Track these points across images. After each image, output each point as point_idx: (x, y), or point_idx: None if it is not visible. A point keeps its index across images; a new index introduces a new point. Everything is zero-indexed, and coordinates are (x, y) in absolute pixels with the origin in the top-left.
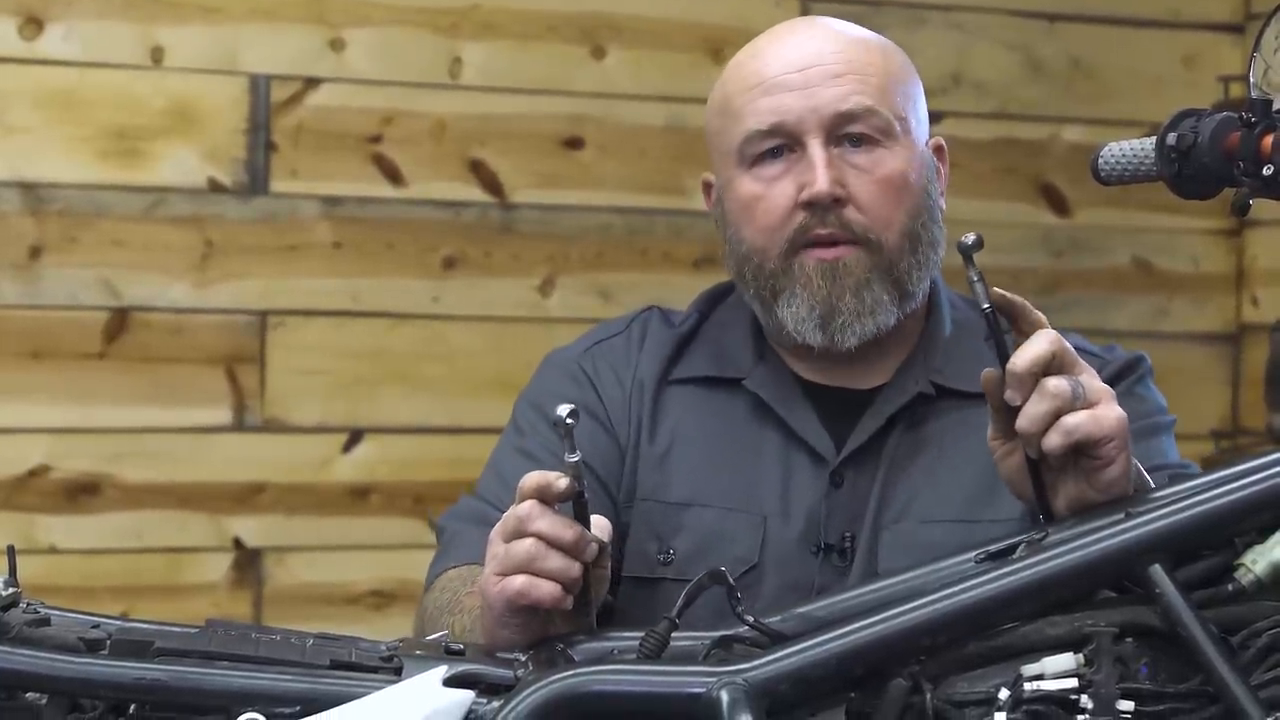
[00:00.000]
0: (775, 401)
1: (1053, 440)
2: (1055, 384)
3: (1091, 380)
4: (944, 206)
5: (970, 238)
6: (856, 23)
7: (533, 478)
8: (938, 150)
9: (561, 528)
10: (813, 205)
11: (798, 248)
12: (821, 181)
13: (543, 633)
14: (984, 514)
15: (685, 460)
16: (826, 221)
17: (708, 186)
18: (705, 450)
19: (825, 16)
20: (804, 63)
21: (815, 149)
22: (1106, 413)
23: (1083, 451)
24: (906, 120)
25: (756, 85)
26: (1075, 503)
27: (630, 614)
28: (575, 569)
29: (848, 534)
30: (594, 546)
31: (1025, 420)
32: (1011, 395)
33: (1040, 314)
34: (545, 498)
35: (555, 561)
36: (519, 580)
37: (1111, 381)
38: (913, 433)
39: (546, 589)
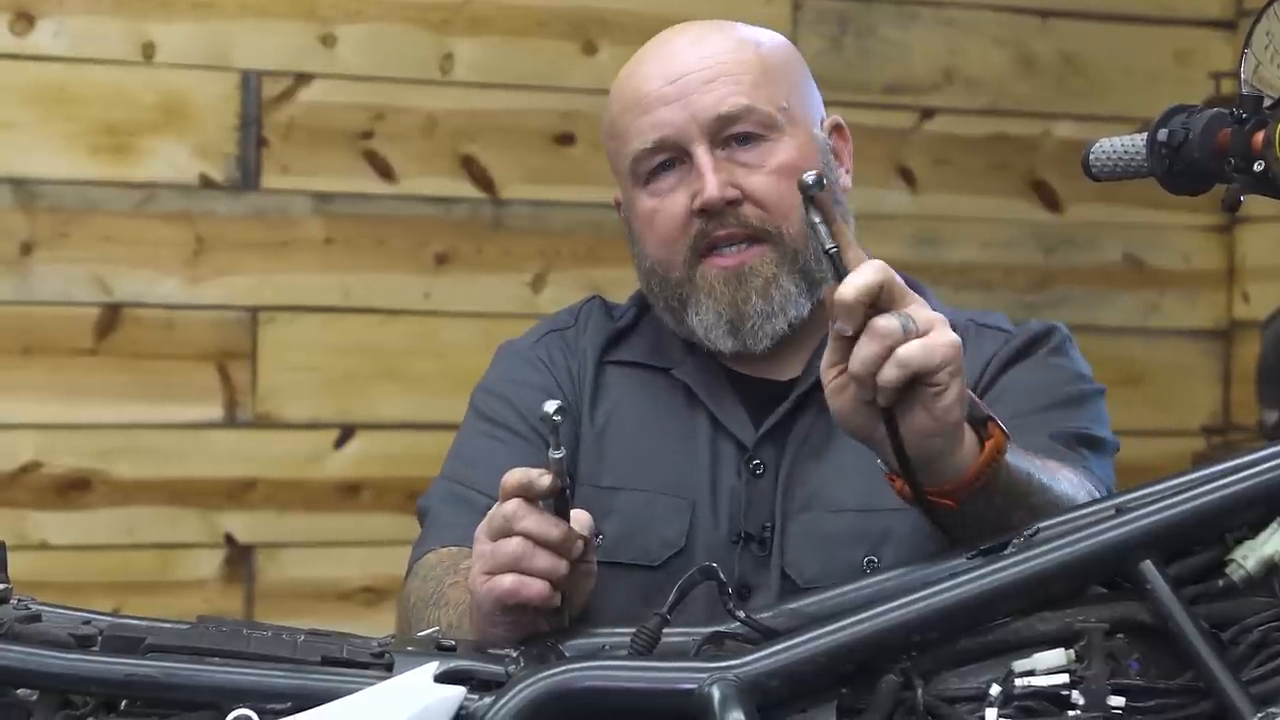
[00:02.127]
0: (702, 390)
1: (889, 373)
2: (885, 323)
3: (920, 310)
4: (848, 185)
5: (810, 176)
6: (847, 20)
7: (515, 475)
8: (836, 128)
9: (549, 526)
10: (706, 211)
11: (699, 255)
12: (710, 187)
13: (532, 630)
14: (883, 502)
15: (618, 444)
16: (725, 224)
17: (618, 205)
18: (638, 434)
19: (696, 23)
20: (675, 73)
21: (701, 156)
22: (938, 339)
23: (919, 380)
24: (789, 109)
25: (634, 104)
26: (916, 432)
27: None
28: (563, 567)
29: (767, 524)
30: (580, 544)
31: (857, 363)
32: (841, 326)
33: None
34: (528, 495)
35: (543, 560)
36: (508, 579)
37: (1016, 358)
38: (824, 417)
39: (536, 588)
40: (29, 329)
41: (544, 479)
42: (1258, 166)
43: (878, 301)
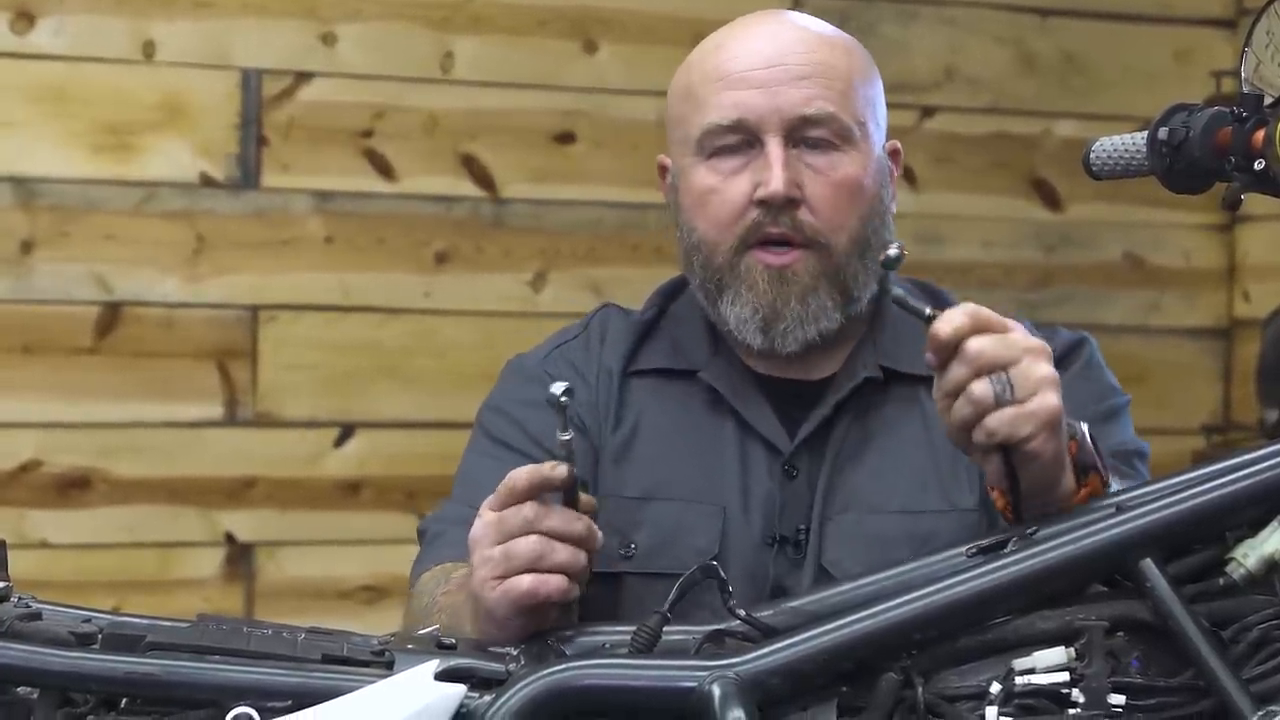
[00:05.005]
0: (730, 393)
1: (977, 436)
2: (980, 389)
3: (1031, 368)
4: (894, 209)
5: (894, 249)
6: (848, 18)
7: (524, 474)
8: (893, 153)
9: (571, 520)
10: (766, 204)
11: (748, 246)
12: (777, 182)
13: (543, 627)
14: (927, 504)
15: (646, 453)
16: (779, 221)
17: (663, 169)
18: (665, 442)
19: (793, 12)
20: (770, 60)
21: (774, 148)
22: (1030, 409)
23: (1008, 446)
24: (866, 125)
25: (721, 78)
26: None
27: (593, 609)
28: (582, 559)
29: (802, 526)
30: (600, 535)
31: (956, 420)
32: (930, 358)
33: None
34: (545, 488)
35: (563, 555)
36: (526, 580)
37: (1059, 365)
38: (862, 420)
39: (555, 584)
40: (29, 328)
41: (559, 470)
42: (1258, 165)
43: (976, 330)
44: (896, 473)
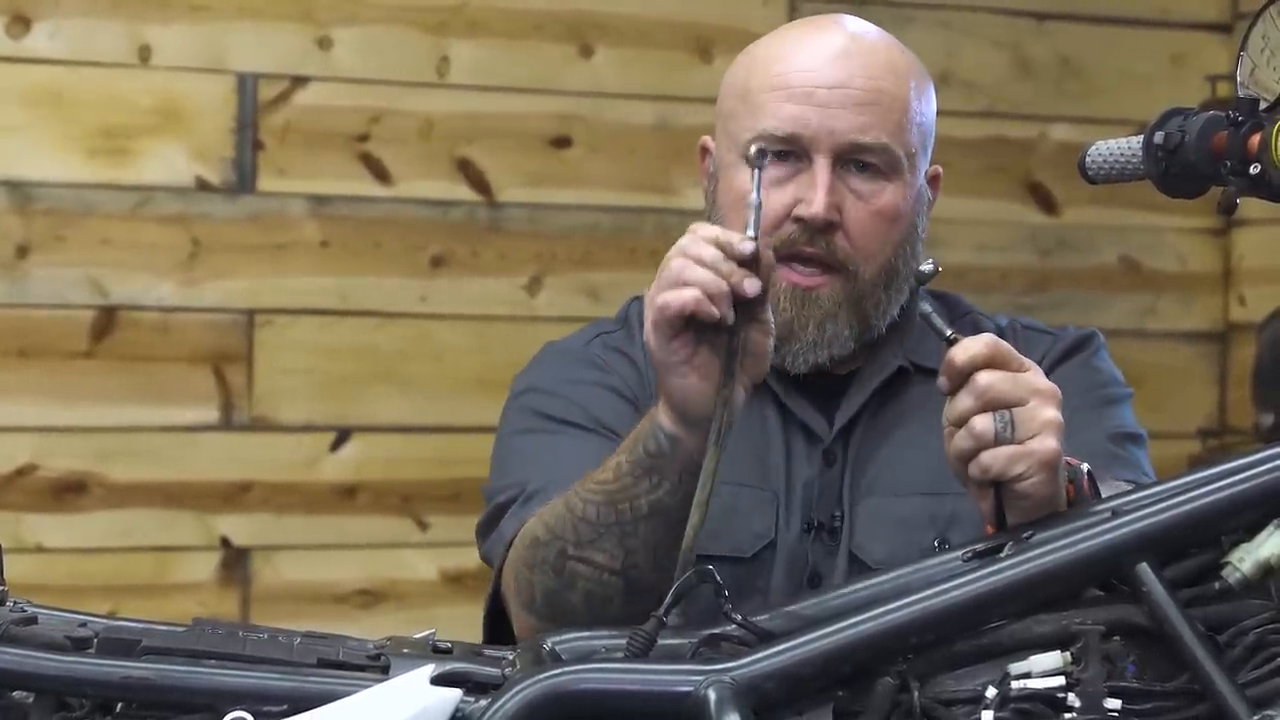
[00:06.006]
0: (770, 378)
1: (972, 470)
2: (981, 424)
3: (1036, 410)
4: (925, 236)
5: (928, 265)
6: None
7: (710, 229)
8: (934, 179)
9: (719, 259)
10: (805, 223)
11: (779, 259)
12: (819, 205)
13: (705, 370)
14: (949, 487)
15: None
16: (815, 242)
17: (705, 150)
18: None
19: (861, 23)
20: (834, 80)
21: (821, 170)
22: (1031, 450)
23: (1001, 483)
24: (915, 156)
25: (782, 88)
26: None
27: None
28: (721, 285)
29: (836, 513)
30: (758, 283)
31: (953, 451)
32: (943, 382)
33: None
34: (726, 253)
35: (697, 272)
36: (660, 296)
37: (1063, 358)
38: (885, 409)
39: (686, 295)
40: (25, 331)
41: (746, 245)
42: (1254, 169)
43: (991, 364)
44: (918, 456)
